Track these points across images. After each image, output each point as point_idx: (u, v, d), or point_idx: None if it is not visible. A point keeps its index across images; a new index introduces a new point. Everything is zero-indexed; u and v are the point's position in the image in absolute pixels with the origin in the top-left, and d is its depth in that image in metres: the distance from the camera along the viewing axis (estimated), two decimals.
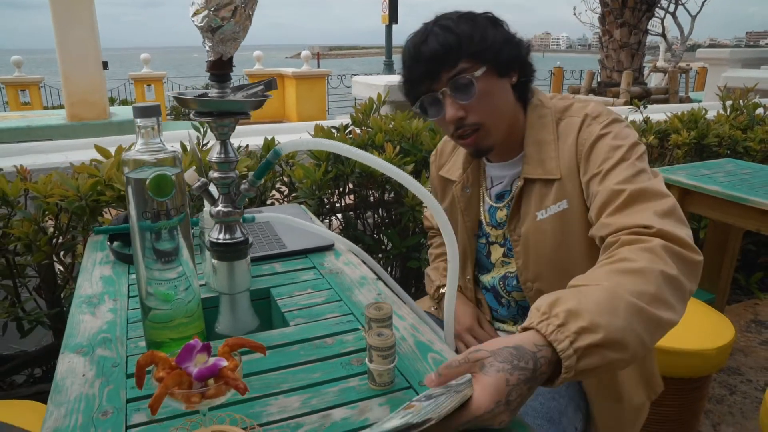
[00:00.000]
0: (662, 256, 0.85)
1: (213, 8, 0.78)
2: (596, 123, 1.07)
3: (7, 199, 1.54)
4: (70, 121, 7.74)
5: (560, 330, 0.73)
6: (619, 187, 0.97)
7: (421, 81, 1.09)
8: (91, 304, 1.04)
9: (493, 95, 1.09)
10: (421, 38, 1.08)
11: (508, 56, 1.09)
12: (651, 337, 0.79)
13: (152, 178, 0.78)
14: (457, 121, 1.08)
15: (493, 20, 1.10)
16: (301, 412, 0.74)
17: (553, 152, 1.10)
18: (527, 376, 0.69)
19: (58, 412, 0.73)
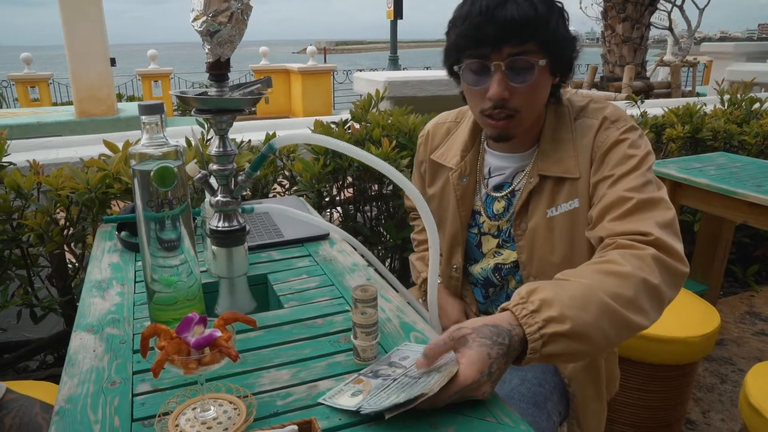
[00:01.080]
0: (650, 265, 0.91)
1: (211, 14, 0.85)
2: (614, 128, 1.09)
3: (21, 191, 1.62)
4: (79, 117, 7.82)
5: (532, 315, 0.81)
6: (628, 195, 1.00)
7: (479, 44, 1.03)
8: (100, 288, 1.12)
9: (541, 89, 1.08)
10: (492, 2, 1.00)
11: (567, 57, 1.09)
12: (617, 335, 0.86)
13: (156, 170, 0.85)
14: (499, 101, 1.05)
15: (565, 14, 1.08)
16: (291, 384, 0.81)
17: (572, 151, 1.11)
18: (504, 351, 0.77)
19: (71, 382, 0.81)
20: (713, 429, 2.13)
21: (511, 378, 1.19)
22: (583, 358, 0.91)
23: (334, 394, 0.77)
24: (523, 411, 1.10)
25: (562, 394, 1.22)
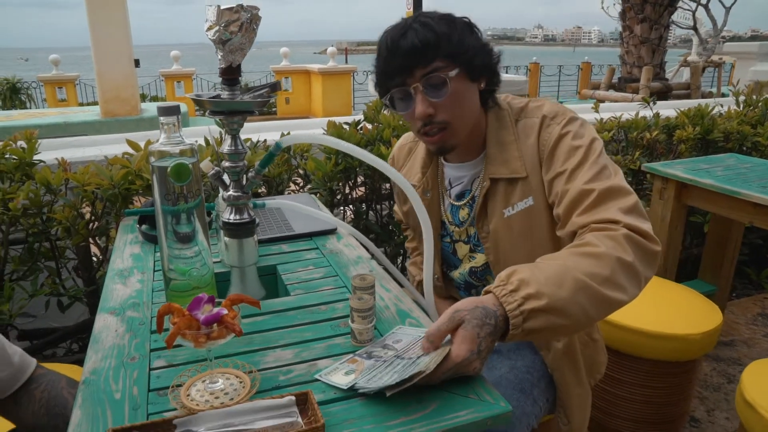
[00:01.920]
0: (623, 244, 0.96)
1: (223, 24, 0.93)
2: (555, 123, 1.14)
3: (50, 187, 1.72)
4: (104, 117, 8.01)
5: (511, 294, 0.87)
6: (588, 187, 1.06)
7: (394, 74, 1.12)
8: (122, 276, 1.21)
9: (463, 97, 1.13)
10: (399, 32, 1.10)
11: (481, 62, 1.14)
12: (597, 311, 0.92)
13: (173, 166, 0.93)
14: (426, 118, 1.12)
15: (470, 26, 1.15)
16: (293, 362, 0.89)
17: (516, 152, 1.18)
18: (491, 331, 0.84)
19: (96, 357, 0.90)
20: (717, 427, 2.15)
21: (500, 366, 1.26)
22: (566, 332, 0.98)
23: (329, 371, 0.84)
24: (509, 396, 1.16)
25: (549, 382, 1.28)
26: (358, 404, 0.78)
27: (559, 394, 1.29)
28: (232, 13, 0.93)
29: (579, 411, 1.29)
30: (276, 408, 0.74)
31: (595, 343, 1.37)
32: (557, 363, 1.27)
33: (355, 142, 2.10)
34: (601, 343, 1.40)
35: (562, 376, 1.27)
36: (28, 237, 1.77)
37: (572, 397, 1.28)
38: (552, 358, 1.27)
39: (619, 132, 2.93)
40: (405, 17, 1.14)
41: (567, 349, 1.27)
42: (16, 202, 1.63)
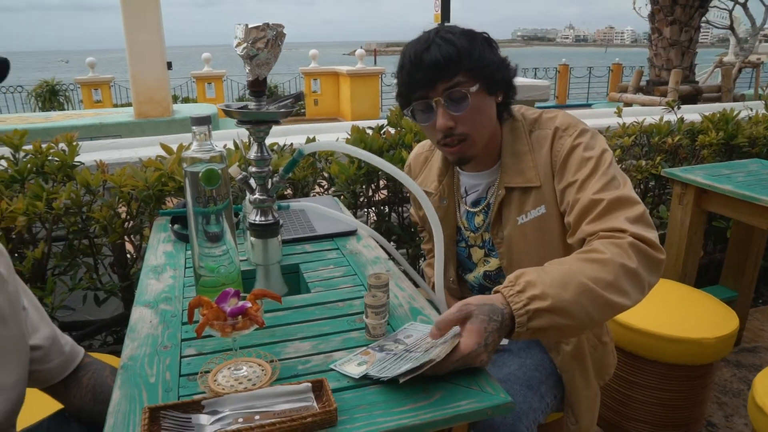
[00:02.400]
0: (628, 252, 1.02)
1: (251, 41, 1.01)
2: (567, 135, 1.20)
3: (90, 188, 1.83)
4: (137, 118, 8.21)
5: (518, 295, 0.94)
6: (597, 197, 1.11)
7: (417, 87, 1.17)
8: (156, 272, 1.31)
9: (482, 110, 1.19)
10: (423, 46, 1.14)
11: (500, 77, 1.20)
12: (599, 313, 0.98)
13: (204, 172, 1.02)
14: (447, 130, 1.18)
15: (489, 41, 1.20)
16: (311, 353, 0.96)
17: (531, 162, 1.24)
18: (498, 327, 0.90)
19: (132, 345, 0.99)
20: None
21: (511, 363, 1.31)
22: (570, 332, 1.03)
23: (344, 362, 0.91)
24: (517, 391, 1.22)
25: (557, 380, 1.33)
26: (368, 392, 0.85)
27: (568, 395, 1.33)
28: (258, 31, 1.01)
29: (587, 411, 1.34)
30: (294, 393, 0.81)
31: (604, 345, 1.41)
32: (566, 365, 1.32)
33: (377, 147, 2.17)
34: (610, 346, 1.44)
35: (571, 377, 1.32)
36: (68, 234, 1.89)
37: (581, 398, 1.33)
38: (561, 360, 1.32)
39: (641, 137, 2.94)
40: (427, 30, 1.19)
41: (576, 352, 1.31)
42: (59, 202, 1.75)
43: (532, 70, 15.67)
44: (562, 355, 1.32)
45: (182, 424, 0.75)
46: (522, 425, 1.17)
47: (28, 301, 1.01)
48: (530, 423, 1.20)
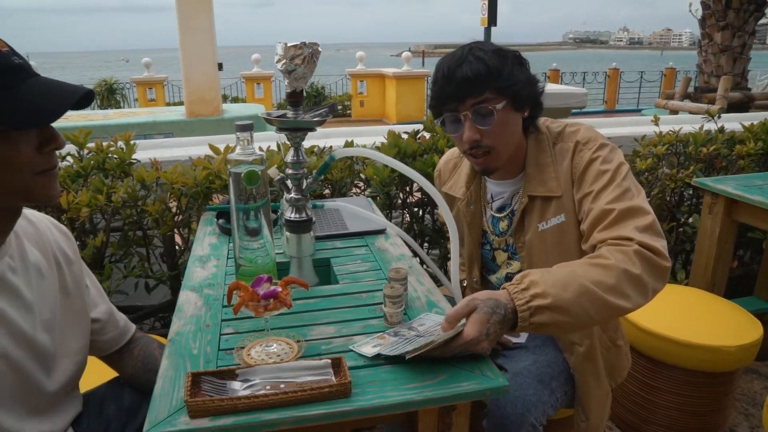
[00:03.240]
0: (632, 258, 1.10)
1: (289, 57, 1.14)
2: (587, 149, 1.29)
3: (144, 184, 2.01)
4: (188, 117, 8.51)
5: (522, 292, 1.03)
6: (609, 207, 1.20)
7: (448, 100, 1.26)
8: (201, 261, 1.45)
9: (507, 125, 1.28)
10: (456, 62, 1.23)
11: (526, 94, 1.28)
12: (599, 313, 1.06)
13: (245, 173, 1.15)
14: (473, 143, 1.27)
15: (520, 60, 1.29)
16: (333, 336, 1.08)
17: (553, 173, 1.32)
18: (500, 319, 1.00)
19: (179, 323, 1.13)
20: None
21: (525, 359, 1.40)
22: (571, 329, 1.12)
23: (361, 344, 1.03)
24: (529, 384, 1.30)
25: (568, 377, 1.40)
26: (381, 371, 0.96)
27: (579, 393, 1.41)
28: (296, 49, 1.14)
29: (597, 410, 1.41)
30: (315, 368, 0.93)
31: (618, 348, 1.48)
32: (579, 365, 1.40)
33: (411, 151, 2.28)
34: (624, 349, 1.51)
35: (583, 377, 1.40)
36: (124, 226, 2.07)
37: (591, 397, 1.40)
38: (574, 360, 1.40)
39: (677, 146, 2.95)
40: (461, 47, 1.29)
41: (589, 353, 1.39)
42: (117, 196, 1.92)
43: (581, 74, 15.46)
44: (575, 355, 1.40)
45: (219, 387, 0.88)
46: (530, 415, 1.26)
47: (89, 281, 1.17)
48: (539, 414, 1.29)
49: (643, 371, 2.03)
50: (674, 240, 2.87)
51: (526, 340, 1.50)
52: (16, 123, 0.82)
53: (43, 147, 0.88)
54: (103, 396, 1.20)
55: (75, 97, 0.87)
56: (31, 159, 0.86)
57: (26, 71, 0.85)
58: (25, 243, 1.01)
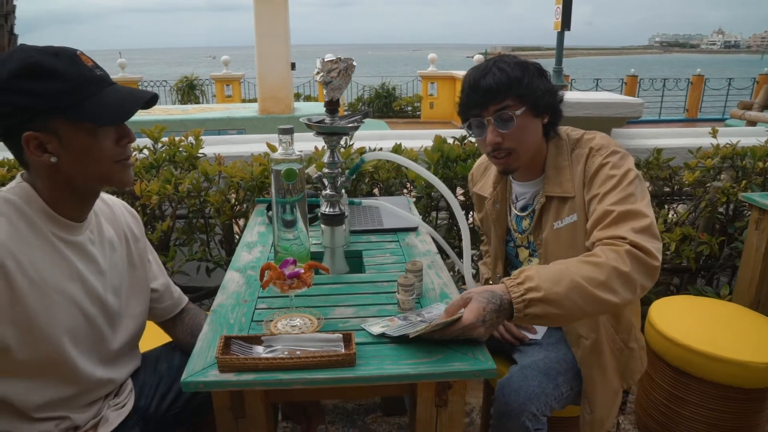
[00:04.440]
0: (622, 257, 1.20)
1: (326, 71, 1.30)
2: (599, 155, 1.39)
3: (208, 176, 2.23)
4: (261, 114, 8.89)
5: (517, 286, 1.15)
6: (610, 208, 1.30)
7: (473, 106, 1.40)
8: (249, 246, 1.64)
9: (527, 130, 1.40)
10: (481, 73, 1.38)
11: (545, 102, 1.40)
12: (589, 306, 1.16)
13: (285, 170, 1.31)
14: (495, 145, 1.40)
15: (540, 72, 1.41)
16: (350, 316, 1.23)
17: (569, 175, 1.43)
18: (495, 308, 1.12)
19: (222, 297, 1.31)
20: None
21: (536, 354, 1.50)
22: (563, 320, 1.21)
23: (371, 324, 1.17)
24: (534, 377, 1.40)
25: (576, 375, 1.49)
26: (384, 348, 1.10)
27: (585, 386, 1.49)
28: (332, 63, 1.30)
29: (603, 405, 1.48)
30: (328, 340, 1.08)
31: (630, 351, 1.54)
32: (585, 358, 1.48)
33: (454, 156, 2.39)
34: (638, 353, 1.57)
35: (589, 370, 1.48)
36: (189, 214, 2.30)
37: (597, 391, 1.48)
38: (581, 353, 1.49)
39: (735, 159, 2.91)
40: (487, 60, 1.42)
41: (594, 348, 1.47)
42: (183, 186, 2.16)
43: (661, 80, 14.89)
44: (581, 348, 1.48)
45: (245, 349, 1.05)
46: (532, 405, 1.37)
47: (152, 257, 1.37)
48: (541, 405, 1.39)
49: (671, 381, 2.05)
50: (724, 255, 2.84)
51: (542, 337, 1.59)
52: (100, 121, 1.03)
53: (119, 141, 1.08)
54: (158, 356, 1.40)
55: (143, 100, 1.07)
56: (110, 150, 1.06)
57: (106, 81, 1.05)
58: (102, 221, 1.22)
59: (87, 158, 1.04)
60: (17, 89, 0.98)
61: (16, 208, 1.03)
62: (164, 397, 1.31)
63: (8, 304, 0.98)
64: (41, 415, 1.08)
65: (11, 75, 0.97)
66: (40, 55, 0.99)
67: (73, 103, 1.00)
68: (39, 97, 0.98)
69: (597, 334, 1.47)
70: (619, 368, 1.52)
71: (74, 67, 1.01)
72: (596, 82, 14.75)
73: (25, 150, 1.01)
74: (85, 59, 1.03)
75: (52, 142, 1.02)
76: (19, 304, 0.99)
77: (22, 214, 1.04)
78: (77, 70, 1.01)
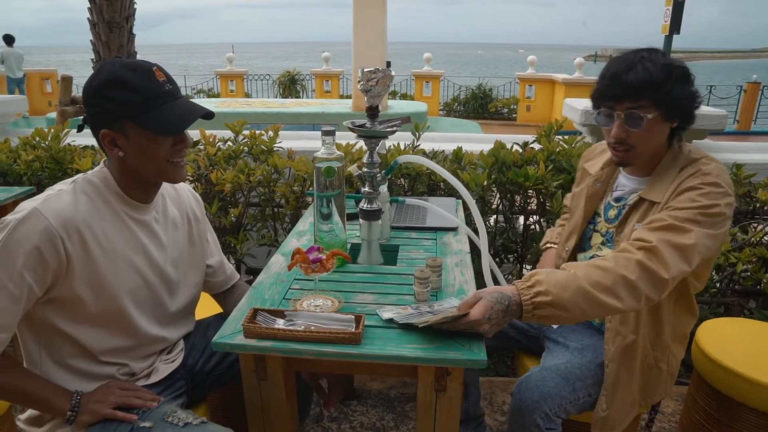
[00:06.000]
0: (632, 266, 1.25)
1: (366, 80, 1.44)
2: (698, 179, 1.37)
3: (277, 169, 2.45)
4: (354, 110, 9.17)
5: (528, 289, 1.24)
6: (665, 217, 1.33)
7: (608, 98, 1.41)
8: (299, 234, 1.82)
9: (653, 132, 1.40)
10: (625, 67, 1.37)
11: (680, 109, 1.39)
12: (593, 310, 1.24)
13: (325, 167, 1.47)
14: (619, 139, 1.42)
15: (685, 75, 1.38)
16: (370, 302, 1.37)
17: (670, 186, 1.42)
18: (503, 308, 1.22)
19: (264, 276, 1.50)
20: None
21: (561, 357, 1.56)
22: (567, 321, 1.26)
23: (385, 310, 1.30)
24: (552, 379, 1.47)
25: (596, 383, 1.52)
26: (391, 332, 1.23)
27: (607, 383, 1.51)
28: (371, 73, 1.44)
29: (619, 408, 1.51)
30: (342, 320, 1.23)
31: (658, 371, 1.56)
32: (616, 356, 1.51)
33: (510, 161, 2.45)
34: (665, 374, 1.57)
35: (616, 369, 1.50)
36: (260, 202, 2.53)
37: (618, 391, 1.50)
38: (614, 350, 1.51)
39: None
40: (636, 50, 1.41)
41: (628, 349, 1.50)
42: (255, 177, 2.38)
43: None
44: (616, 345, 1.51)
45: (268, 320, 1.22)
46: (545, 405, 1.44)
47: (210, 237, 1.58)
48: (554, 406, 1.45)
49: (711, 403, 2.01)
50: None
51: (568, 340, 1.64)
52: (160, 131, 1.23)
53: (175, 145, 1.28)
54: (209, 324, 1.60)
55: (199, 115, 1.26)
56: (166, 152, 1.26)
57: (173, 95, 1.25)
58: (168, 202, 1.44)
59: (146, 157, 1.25)
60: (105, 96, 1.20)
61: (95, 188, 1.26)
62: (209, 359, 1.51)
63: (83, 264, 1.21)
64: (106, 359, 1.30)
65: (101, 84, 1.20)
66: (123, 70, 1.20)
67: (142, 111, 1.21)
68: (118, 104, 1.20)
69: (636, 337, 1.49)
70: (644, 383, 1.55)
71: (147, 82, 1.21)
72: (709, 89, 13.85)
73: (101, 142, 1.24)
74: (159, 75, 1.24)
75: (121, 140, 1.23)
76: (91, 265, 1.22)
77: (100, 193, 1.27)
78: (149, 85, 1.22)
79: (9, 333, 1.17)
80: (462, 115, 13.85)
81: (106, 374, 1.31)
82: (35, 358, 1.27)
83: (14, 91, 11.52)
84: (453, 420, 1.26)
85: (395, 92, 14.19)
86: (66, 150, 2.65)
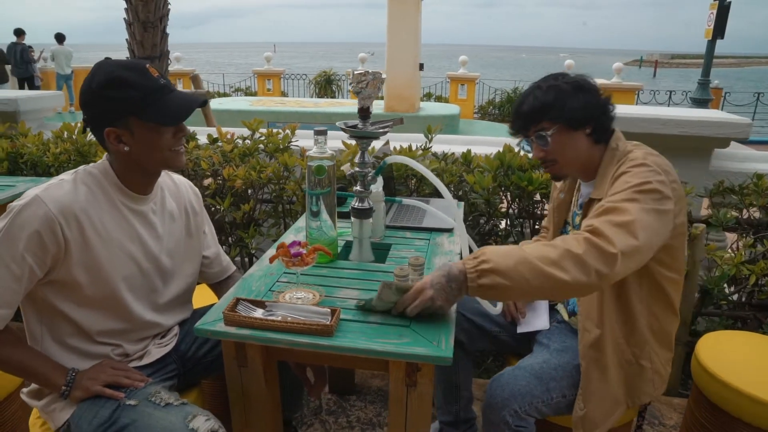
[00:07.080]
0: (579, 242, 1.28)
1: (356, 82, 1.49)
2: (627, 164, 1.45)
3: (287, 167, 2.52)
4: (386, 111, 9.26)
5: (473, 260, 1.28)
6: (604, 202, 1.39)
7: (520, 128, 1.61)
8: (296, 230, 1.89)
9: (566, 144, 1.54)
10: (521, 100, 1.58)
11: (580, 116, 1.51)
12: (537, 280, 1.24)
13: (315, 166, 1.53)
14: (540, 158, 1.59)
15: (577, 88, 1.52)
16: (351, 297, 1.42)
17: (609, 182, 1.49)
18: (444, 274, 1.27)
19: (255, 268, 1.57)
20: None
21: (539, 357, 1.60)
22: (512, 292, 1.27)
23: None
24: (523, 377, 1.50)
25: (572, 384, 1.55)
26: (364, 326, 1.28)
27: (581, 382, 1.54)
28: (361, 76, 1.49)
29: (597, 407, 1.52)
30: (318, 312, 1.28)
31: (641, 368, 1.56)
32: (585, 352, 1.54)
33: (516, 164, 2.47)
34: (649, 374, 1.58)
35: (587, 365, 1.53)
36: (272, 198, 2.61)
37: (592, 390, 1.52)
38: (582, 347, 1.55)
39: None
40: (532, 84, 1.59)
41: (596, 344, 1.53)
42: (265, 174, 2.46)
43: None
44: (584, 342, 1.54)
45: (249, 310, 1.29)
46: (515, 402, 1.47)
47: (207, 229, 1.66)
48: (525, 404, 1.48)
49: (707, 417, 1.99)
50: None
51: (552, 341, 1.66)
52: (165, 122, 1.31)
53: (176, 134, 1.36)
54: (205, 312, 1.68)
55: (197, 104, 1.34)
56: (168, 141, 1.34)
57: (168, 89, 1.33)
58: (166, 195, 1.52)
59: (150, 148, 1.33)
60: (106, 96, 1.29)
61: (95, 179, 1.35)
62: (201, 346, 1.59)
63: (81, 250, 1.29)
64: (101, 340, 1.39)
65: (100, 86, 1.28)
66: (119, 69, 1.29)
67: (143, 106, 1.29)
68: (120, 102, 1.28)
69: (602, 331, 1.52)
70: (626, 381, 1.56)
71: (144, 79, 1.30)
72: (757, 96, 13.44)
73: (105, 140, 1.32)
74: (152, 71, 1.32)
75: (126, 136, 1.32)
76: (88, 251, 1.30)
77: (99, 184, 1.35)
78: (146, 81, 1.30)
79: (11, 310, 1.26)
80: (497, 118, 13.76)
81: (102, 354, 1.40)
82: (37, 336, 1.37)
83: (62, 87, 11.99)
84: (424, 416, 1.30)
85: (430, 94, 14.20)
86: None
